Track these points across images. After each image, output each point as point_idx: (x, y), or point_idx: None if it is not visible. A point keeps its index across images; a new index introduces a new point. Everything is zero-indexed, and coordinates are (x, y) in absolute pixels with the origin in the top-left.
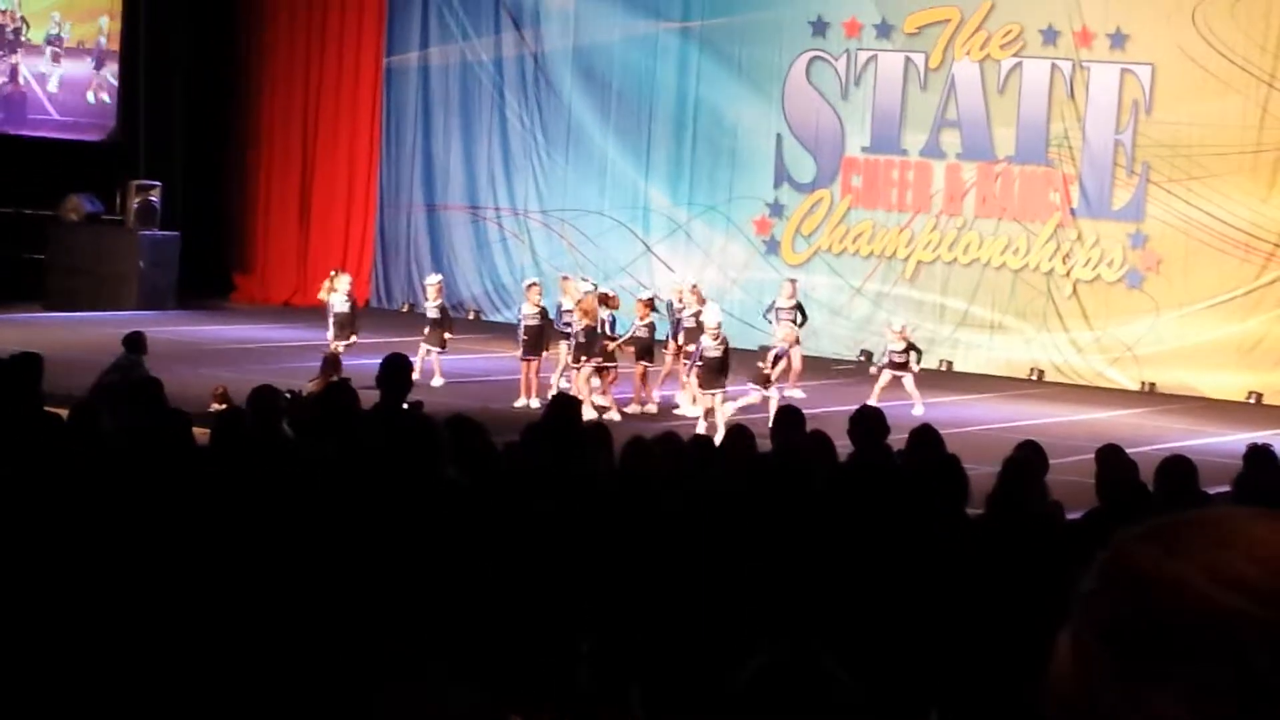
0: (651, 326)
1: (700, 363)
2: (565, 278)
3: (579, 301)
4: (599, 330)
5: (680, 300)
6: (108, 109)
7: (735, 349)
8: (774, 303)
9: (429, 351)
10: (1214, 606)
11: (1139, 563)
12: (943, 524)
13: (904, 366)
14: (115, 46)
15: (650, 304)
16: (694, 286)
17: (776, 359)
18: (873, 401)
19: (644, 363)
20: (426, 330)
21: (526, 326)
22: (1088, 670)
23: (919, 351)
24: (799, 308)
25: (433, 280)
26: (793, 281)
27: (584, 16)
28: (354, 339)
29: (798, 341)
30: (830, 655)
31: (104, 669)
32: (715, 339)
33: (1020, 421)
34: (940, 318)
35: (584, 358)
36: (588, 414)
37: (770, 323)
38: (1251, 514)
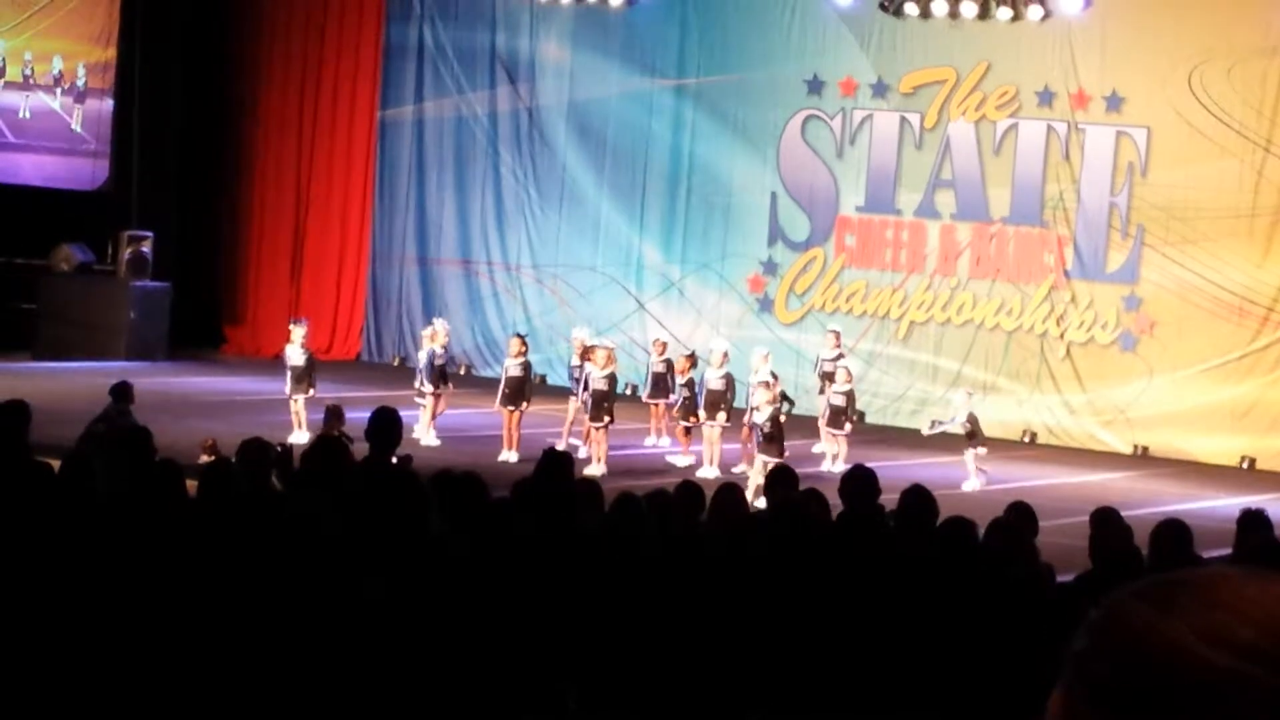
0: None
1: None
2: (582, 339)
3: (679, 361)
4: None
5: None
6: (79, 139)
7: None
8: (819, 356)
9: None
10: (1207, 667)
11: (1132, 622)
12: (927, 585)
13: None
14: (101, 85)
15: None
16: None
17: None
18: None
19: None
20: (423, 377)
21: (509, 378)
22: None
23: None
24: (839, 359)
25: (441, 326)
26: (836, 333)
27: (579, 72)
28: (312, 392)
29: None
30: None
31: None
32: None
33: (1012, 483)
34: (933, 378)
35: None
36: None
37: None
38: (1244, 574)
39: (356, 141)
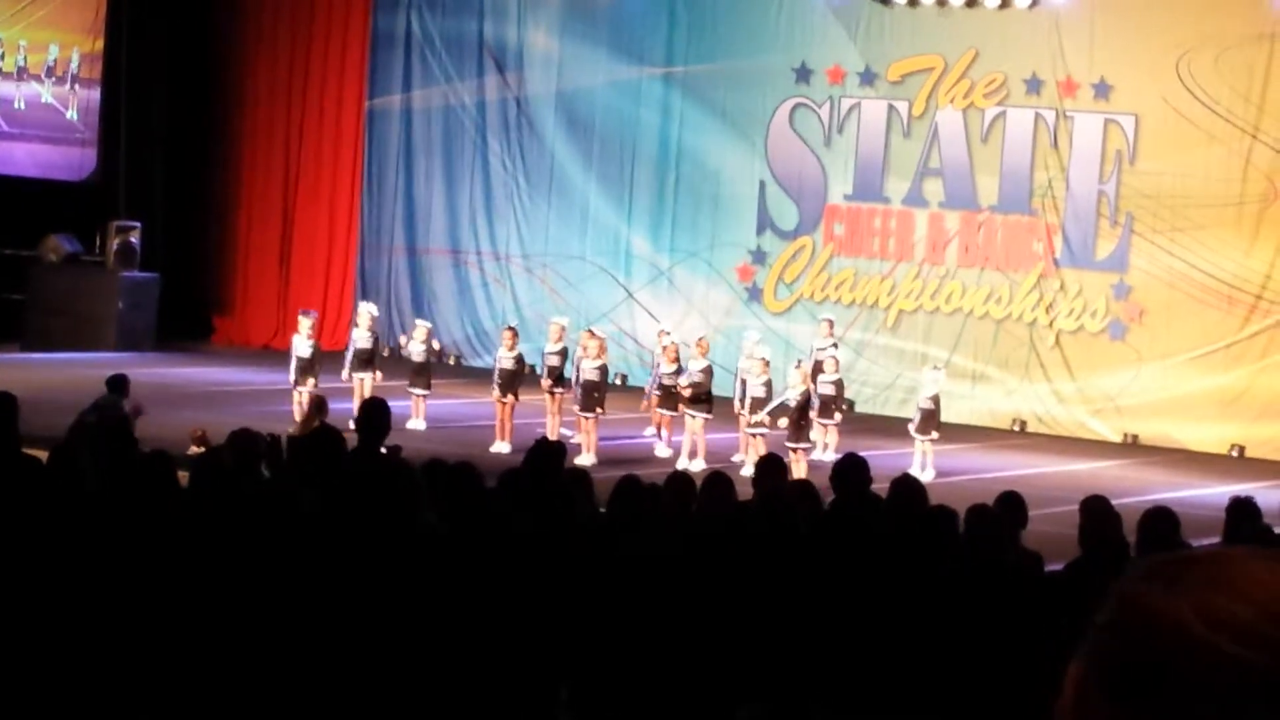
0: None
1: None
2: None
3: (699, 340)
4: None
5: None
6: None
7: (717, 396)
8: (813, 346)
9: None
10: (1206, 648)
11: (1140, 600)
12: (917, 574)
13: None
14: (90, 75)
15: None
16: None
17: (783, 409)
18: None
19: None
20: (410, 375)
21: (502, 370)
22: (1085, 701)
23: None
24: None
25: (422, 324)
26: (829, 321)
27: (567, 61)
28: (314, 384)
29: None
30: (818, 708)
31: (85, 710)
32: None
33: (1002, 472)
34: (922, 367)
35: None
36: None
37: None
38: (1253, 554)
39: (344, 131)
